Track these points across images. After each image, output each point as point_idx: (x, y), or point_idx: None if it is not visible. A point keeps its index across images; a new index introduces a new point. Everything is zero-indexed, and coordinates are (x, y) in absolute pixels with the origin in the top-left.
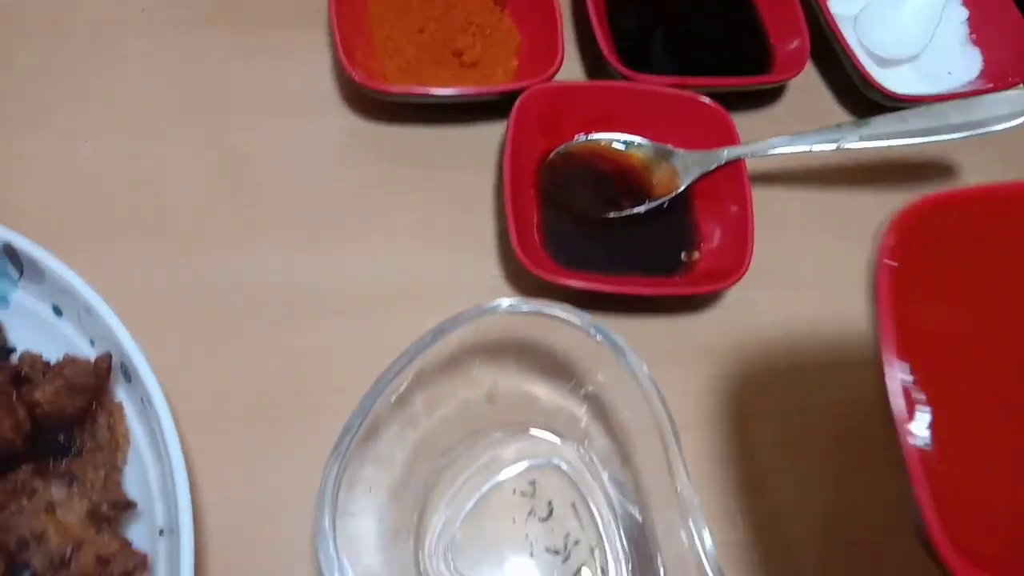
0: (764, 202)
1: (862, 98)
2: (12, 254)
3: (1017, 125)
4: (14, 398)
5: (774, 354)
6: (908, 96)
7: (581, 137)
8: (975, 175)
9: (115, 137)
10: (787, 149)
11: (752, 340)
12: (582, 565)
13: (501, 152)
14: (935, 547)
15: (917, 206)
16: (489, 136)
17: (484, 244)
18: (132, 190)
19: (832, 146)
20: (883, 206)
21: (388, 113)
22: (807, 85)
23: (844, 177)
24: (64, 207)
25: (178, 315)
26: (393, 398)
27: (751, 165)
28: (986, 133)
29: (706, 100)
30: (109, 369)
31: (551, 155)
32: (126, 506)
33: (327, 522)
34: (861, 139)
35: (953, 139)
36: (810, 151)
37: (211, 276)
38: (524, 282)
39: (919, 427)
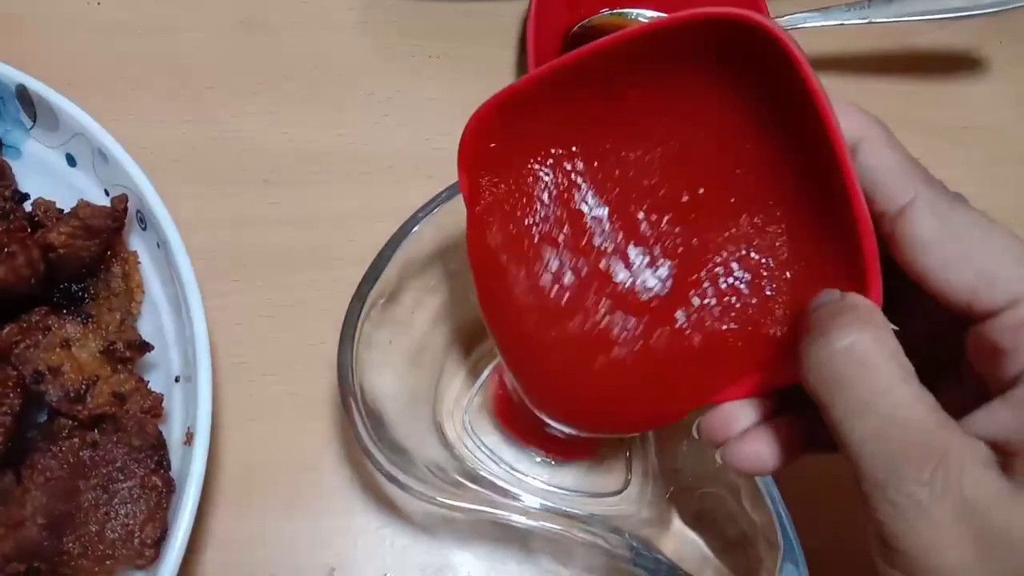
0: None
1: None
2: (25, 98)
3: None
4: (28, 239)
5: None
6: None
7: (606, 11)
8: (1006, 69)
9: None
10: (817, 23)
11: None
12: None
13: (523, 26)
14: None
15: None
16: (510, 11)
17: None
18: (147, 50)
19: (863, 21)
20: (910, 95)
21: None
22: None
23: (872, 65)
24: (77, 63)
25: (192, 173)
26: (411, 255)
27: None
28: (1019, 7)
29: None
30: (125, 210)
31: (575, 28)
32: (142, 346)
33: (350, 356)
34: (894, 15)
35: (985, 15)
36: (840, 26)
37: (226, 137)
38: None
39: None
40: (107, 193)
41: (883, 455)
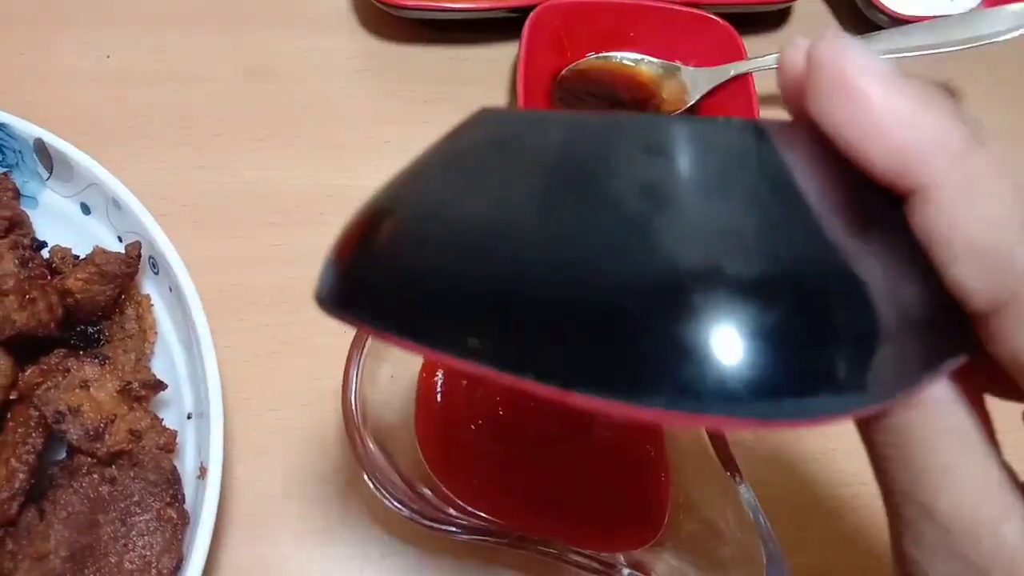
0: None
1: (867, 23)
2: (42, 150)
3: (1018, 36)
4: (47, 285)
5: None
6: (912, 16)
7: (592, 55)
8: (979, 100)
9: (142, 47)
10: None
11: None
12: None
13: (514, 70)
14: None
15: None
16: (501, 56)
17: None
18: (156, 100)
19: None
20: None
21: (403, 32)
22: (812, 11)
23: None
24: (89, 113)
25: (201, 217)
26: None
27: (759, 86)
28: (988, 44)
29: (714, 17)
30: (139, 256)
31: (563, 72)
32: (156, 385)
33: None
34: None
35: (955, 51)
36: None
37: (233, 180)
38: None
39: None
40: (120, 240)
41: (928, 543)
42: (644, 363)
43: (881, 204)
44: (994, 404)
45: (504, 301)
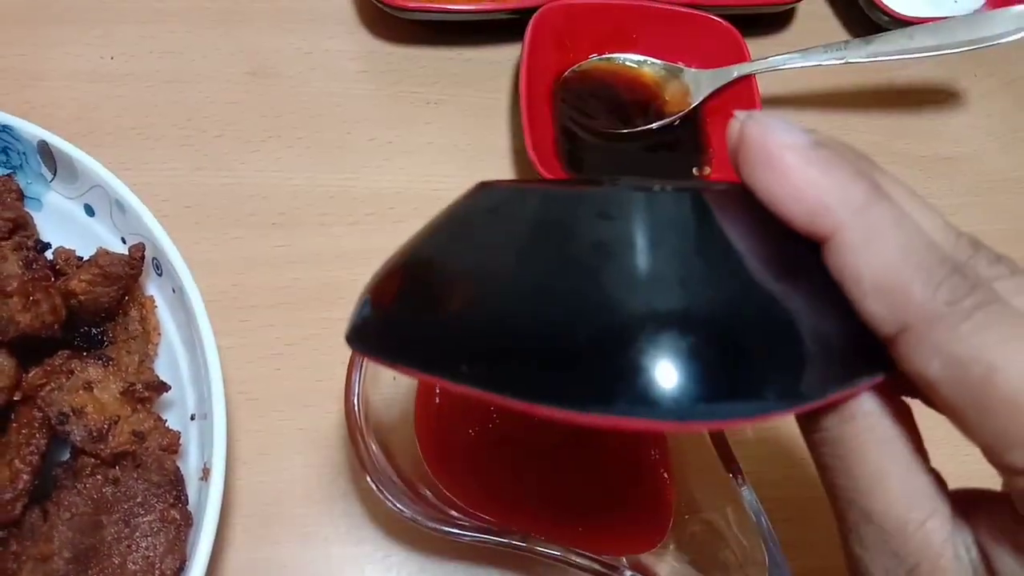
0: None
1: (870, 24)
2: (46, 152)
3: (1023, 38)
4: (51, 286)
5: None
6: (914, 18)
7: (595, 57)
8: (980, 102)
9: (143, 48)
10: (796, 64)
11: None
12: None
13: (516, 71)
14: None
15: None
16: (503, 58)
17: (499, 161)
18: (159, 101)
19: (839, 61)
20: (889, 129)
21: (405, 33)
22: (815, 12)
23: (852, 101)
24: (93, 114)
25: (204, 218)
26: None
27: (762, 88)
28: (992, 46)
29: (717, 19)
30: (142, 258)
31: (565, 73)
32: (159, 387)
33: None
34: (868, 55)
35: (958, 53)
36: (818, 66)
37: (235, 183)
38: None
39: None
40: (124, 241)
41: (867, 542)
42: (594, 381)
43: (808, 252)
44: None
45: (487, 337)
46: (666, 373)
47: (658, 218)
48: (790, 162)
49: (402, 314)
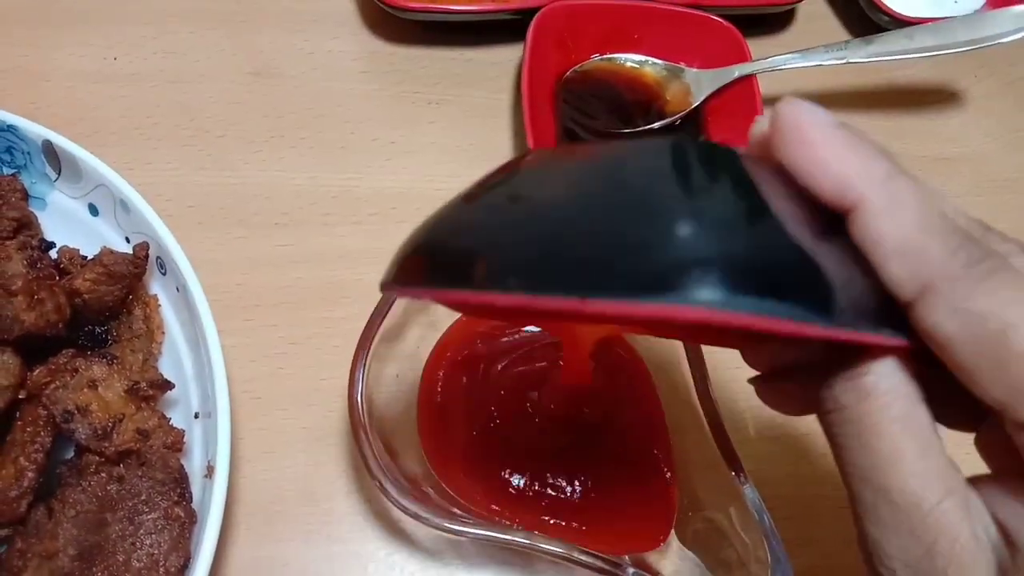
0: None
1: (870, 24)
2: (50, 152)
3: (1022, 38)
4: (55, 285)
5: None
6: (915, 18)
7: (597, 57)
8: (981, 102)
9: (147, 48)
10: (797, 64)
11: None
12: None
13: (518, 72)
14: None
15: None
16: (505, 58)
17: (501, 160)
18: (162, 101)
19: (840, 61)
20: (890, 129)
21: (407, 34)
22: (816, 13)
23: (853, 101)
24: (96, 115)
25: (207, 218)
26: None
27: (762, 88)
28: (992, 46)
29: (718, 19)
30: (146, 257)
31: (567, 73)
32: (163, 385)
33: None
34: (869, 55)
35: (958, 53)
36: (819, 66)
37: (238, 183)
38: None
39: None
40: (128, 240)
41: (883, 521)
42: (644, 273)
43: (836, 226)
44: None
45: (538, 245)
46: (712, 269)
47: (703, 159)
48: (819, 138)
49: (446, 248)
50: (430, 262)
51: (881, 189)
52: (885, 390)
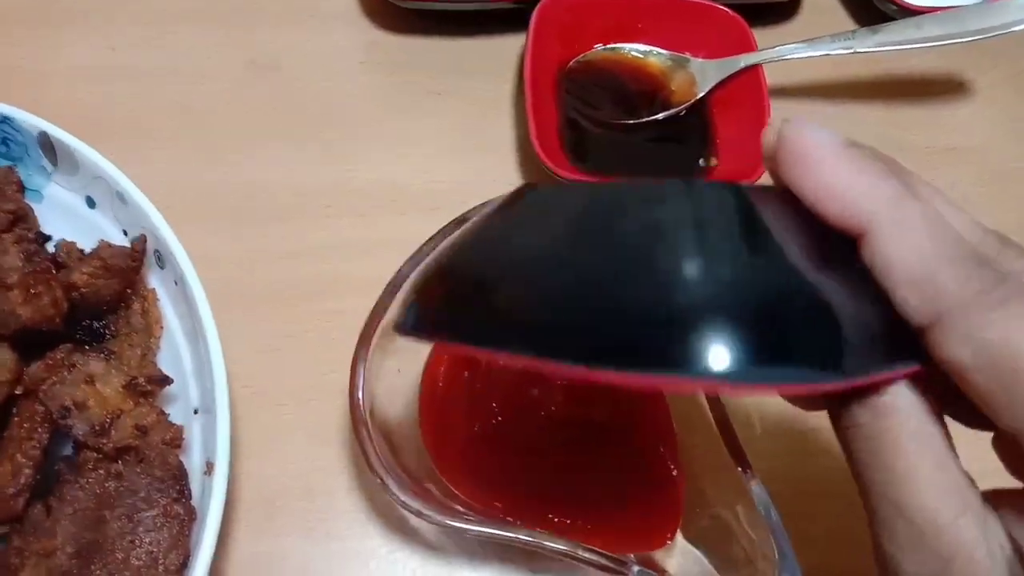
0: (780, 114)
1: (877, 14)
2: (47, 144)
3: None
4: (52, 279)
5: None
6: (922, 7)
7: (600, 47)
8: (988, 92)
9: (145, 44)
10: (803, 54)
11: None
12: None
13: (521, 62)
14: None
15: None
16: (507, 48)
17: (504, 152)
18: (160, 94)
19: (847, 51)
20: (896, 119)
21: (407, 24)
22: (822, 2)
23: (859, 91)
24: (94, 108)
25: (205, 212)
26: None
27: (768, 78)
28: (1000, 36)
29: (724, 8)
30: (144, 250)
31: (570, 64)
32: (162, 380)
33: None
34: (876, 45)
35: (966, 43)
36: (826, 56)
37: (237, 176)
38: None
39: None
40: (125, 233)
41: (899, 537)
42: (654, 346)
43: (846, 250)
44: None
45: (547, 310)
46: (722, 337)
47: (705, 205)
48: (825, 159)
49: (459, 301)
50: (437, 312)
51: (890, 212)
52: (901, 407)
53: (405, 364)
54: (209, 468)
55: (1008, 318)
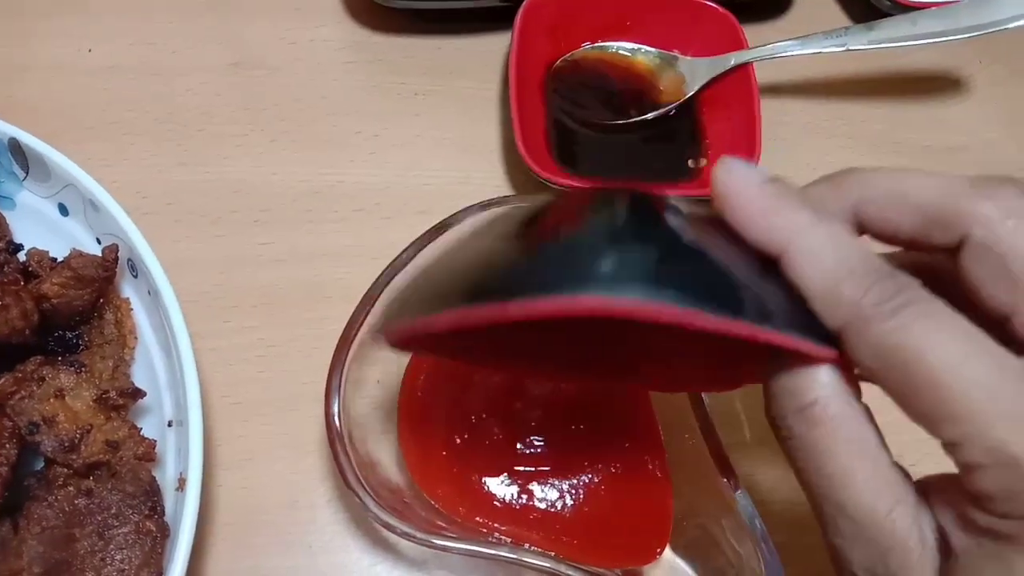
0: (772, 113)
1: (872, 9)
2: (18, 151)
3: None
4: (22, 290)
5: None
6: (918, 3)
7: (587, 45)
8: (986, 89)
9: (124, 39)
10: (795, 52)
11: None
12: None
13: (507, 61)
14: None
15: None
16: (494, 47)
17: (489, 153)
18: (139, 94)
19: (840, 49)
20: (893, 118)
21: (392, 23)
22: (815, 0)
23: (854, 89)
24: (71, 109)
25: (185, 215)
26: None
27: (759, 77)
28: (996, 32)
29: (713, 5)
30: (116, 260)
31: (557, 62)
32: (134, 394)
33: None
34: (870, 42)
35: (963, 39)
36: (818, 54)
37: (217, 178)
38: (529, 190)
39: None
40: (99, 241)
41: (843, 532)
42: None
43: (774, 270)
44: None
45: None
46: (623, 260)
47: (629, 207)
48: (749, 196)
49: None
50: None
51: (803, 239)
52: (832, 416)
53: (386, 374)
54: (181, 484)
55: (899, 328)
